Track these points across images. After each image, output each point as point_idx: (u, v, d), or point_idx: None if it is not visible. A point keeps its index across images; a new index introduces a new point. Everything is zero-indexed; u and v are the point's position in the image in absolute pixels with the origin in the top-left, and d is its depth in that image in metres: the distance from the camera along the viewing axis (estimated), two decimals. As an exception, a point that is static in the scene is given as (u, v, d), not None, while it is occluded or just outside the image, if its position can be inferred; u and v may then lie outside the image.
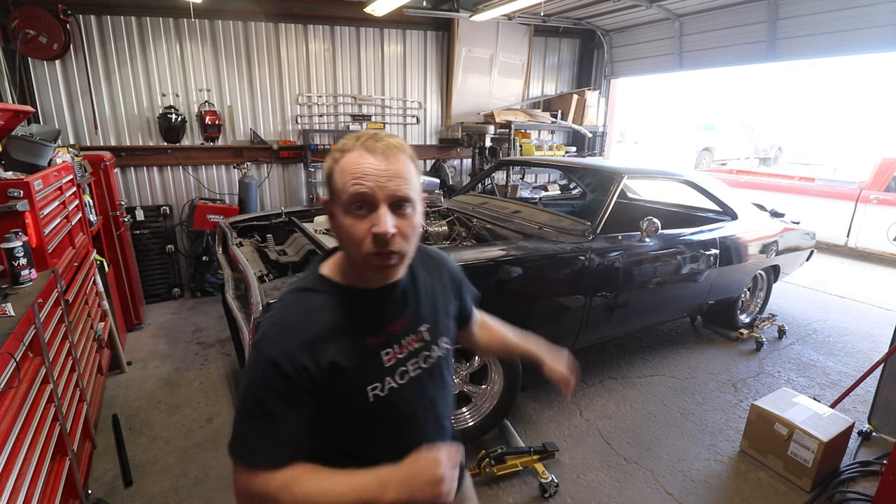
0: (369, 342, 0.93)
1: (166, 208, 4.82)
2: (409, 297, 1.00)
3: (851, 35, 4.32)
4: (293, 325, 0.89)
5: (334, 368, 0.88)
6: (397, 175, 0.83)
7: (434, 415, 1.07)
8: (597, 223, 2.94)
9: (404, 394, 0.98)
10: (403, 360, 0.97)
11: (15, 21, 3.90)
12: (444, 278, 1.12)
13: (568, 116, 6.59)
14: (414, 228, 0.87)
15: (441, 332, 1.06)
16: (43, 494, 1.62)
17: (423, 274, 1.06)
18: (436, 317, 1.05)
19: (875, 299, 5.14)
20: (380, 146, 0.83)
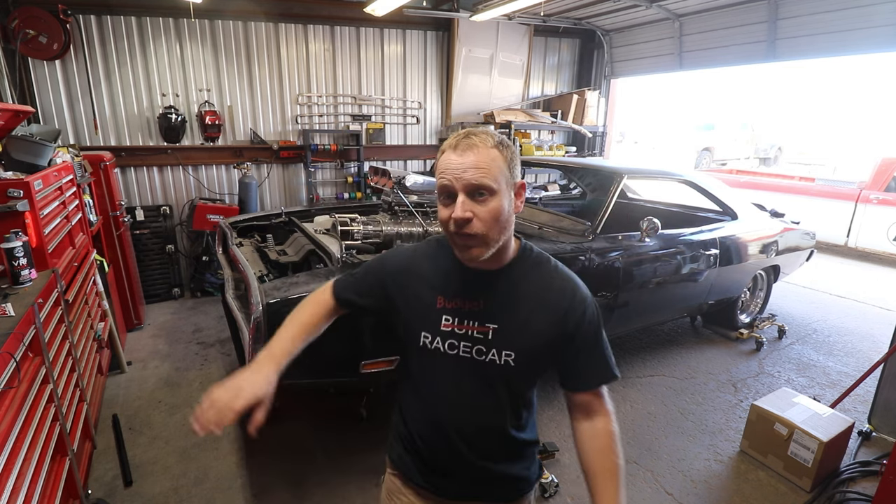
0: (439, 300, 1.09)
1: (166, 208, 4.82)
2: (491, 289, 1.06)
3: (851, 35, 4.32)
4: (404, 252, 1.20)
5: (409, 296, 1.12)
6: (473, 166, 0.94)
7: (467, 412, 1.09)
8: (597, 223, 2.94)
9: (446, 362, 1.08)
10: (458, 336, 1.07)
11: (15, 21, 3.90)
12: (551, 301, 1.04)
13: (568, 116, 6.59)
14: (492, 213, 0.96)
15: (509, 343, 1.04)
16: (43, 494, 1.62)
17: (526, 282, 1.06)
18: (510, 325, 1.04)
19: (875, 299, 5.13)
20: (463, 143, 0.97)
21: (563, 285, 1.06)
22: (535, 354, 1.05)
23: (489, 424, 1.10)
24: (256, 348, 1.95)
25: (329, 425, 2.83)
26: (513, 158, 0.99)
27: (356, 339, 2.18)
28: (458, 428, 1.10)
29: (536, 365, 1.08)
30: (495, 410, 1.09)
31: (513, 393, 1.09)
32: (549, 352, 1.06)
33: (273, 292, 2.02)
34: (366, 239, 2.82)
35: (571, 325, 1.03)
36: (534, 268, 1.08)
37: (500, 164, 0.96)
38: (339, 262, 2.40)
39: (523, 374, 1.07)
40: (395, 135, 5.93)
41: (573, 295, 1.05)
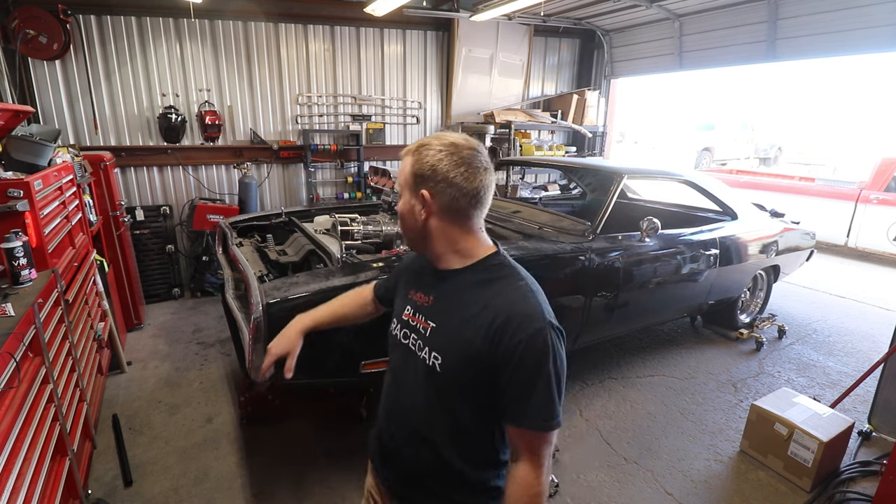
0: (410, 291, 1.17)
1: (166, 208, 4.82)
2: (441, 288, 1.09)
3: (851, 35, 4.32)
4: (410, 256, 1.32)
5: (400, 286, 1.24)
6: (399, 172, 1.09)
7: (404, 405, 1.14)
8: (597, 223, 2.94)
9: (398, 350, 1.15)
10: (410, 327, 1.12)
11: (15, 21, 3.90)
12: (489, 315, 0.98)
13: (568, 116, 6.59)
14: (398, 212, 1.09)
15: (439, 346, 1.03)
16: (43, 494, 1.62)
17: (476, 289, 1.03)
18: (445, 327, 1.04)
19: (875, 299, 5.13)
20: None
21: (507, 303, 0.97)
22: (459, 366, 1.00)
23: (420, 428, 1.09)
24: (256, 348, 1.95)
25: (329, 425, 2.83)
26: (421, 167, 1.01)
27: (356, 339, 2.18)
28: (396, 417, 1.16)
29: (462, 378, 1.00)
30: (426, 415, 1.07)
31: (443, 405, 1.04)
32: (475, 368, 0.98)
33: (273, 292, 2.02)
34: (366, 239, 2.82)
35: (501, 347, 0.95)
36: (492, 278, 1.03)
37: (404, 172, 1.06)
38: (339, 262, 2.40)
39: (449, 384, 1.02)
40: (395, 135, 5.93)
41: (513, 317, 0.95)
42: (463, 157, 0.99)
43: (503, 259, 1.07)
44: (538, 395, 0.95)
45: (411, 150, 1.05)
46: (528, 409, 0.95)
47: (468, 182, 0.99)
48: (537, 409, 0.95)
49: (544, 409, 0.95)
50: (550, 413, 0.95)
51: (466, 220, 1.04)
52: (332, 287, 2.09)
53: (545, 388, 0.95)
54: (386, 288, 1.36)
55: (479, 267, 1.05)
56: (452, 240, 1.05)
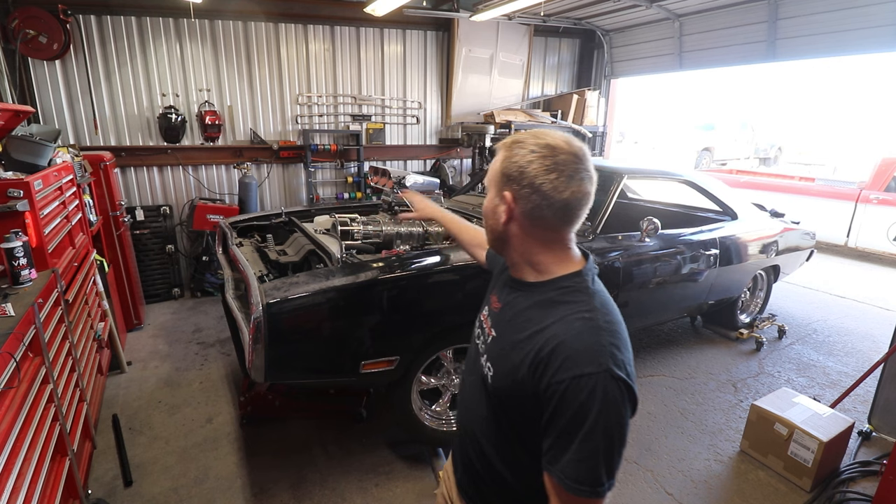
0: (493, 291, 1.12)
1: (166, 208, 4.82)
2: (512, 298, 1.00)
3: (851, 35, 4.32)
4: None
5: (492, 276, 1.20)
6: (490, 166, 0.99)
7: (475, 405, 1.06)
8: (597, 223, 2.94)
9: (472, 350, 1.13)
10: (482, 329, 1.09)
11: (15, 21, 3.90)
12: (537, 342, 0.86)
13: (568, 116, 6.59)
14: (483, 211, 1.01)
15: (494, 357, 0.97)
16: (43, 494, 1.62)
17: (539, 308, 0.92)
18: (503, 340, 0.96)
19: (875, 299, 5.13)
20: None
21: (559, 333, 0.84)
22: (505, 386, 0.92)
23: (478, 433, 1.04)
24: (256, 348, 1.95)
25: (329, 425, 2.83)
26: (510, 166, 0.90)
27: (356, 339, 2.18)
28: (463, 414, 1.16)
29: (508, 400, 0.92)
30: (483, 422, 1.01)
31: (495, 417, 0.97)
32: (519, 394, 0.88)
33: (273, 292, 2.02)
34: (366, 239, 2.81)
35: (543, 383, 0.82)
36: (557, 301, 0.90)
37: (493, 168, 0.95)
38: (339, 262, 2.40)
39: (498, 400, 0.95)
40: (395, 135, 5.93)
41: (560, 352, 0.82)
42: (557, 161, 0.86)
43: (581, 282, 0.92)
44: (576, 451, 0.78)
45: (506, 145, 0.93)
46: (563, 462, 0.79)
47: (557, 191, 0.86)
48: (573, 465, 0.78)
49: (581, 471, 0.78)
50: (586, 476, 0.78)
51: (550, 233, 0.92)
52: (332, 287, 2.09)
53: (586, 446, 0.77)
54: (493, 257, 1.30)
55: (549, 286, 0.93)
56: (529, 251, 0.94)
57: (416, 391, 2.52)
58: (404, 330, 2.28)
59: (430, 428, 2.55)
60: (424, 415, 2.56)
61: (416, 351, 2.37)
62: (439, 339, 2.42)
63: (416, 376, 2.48)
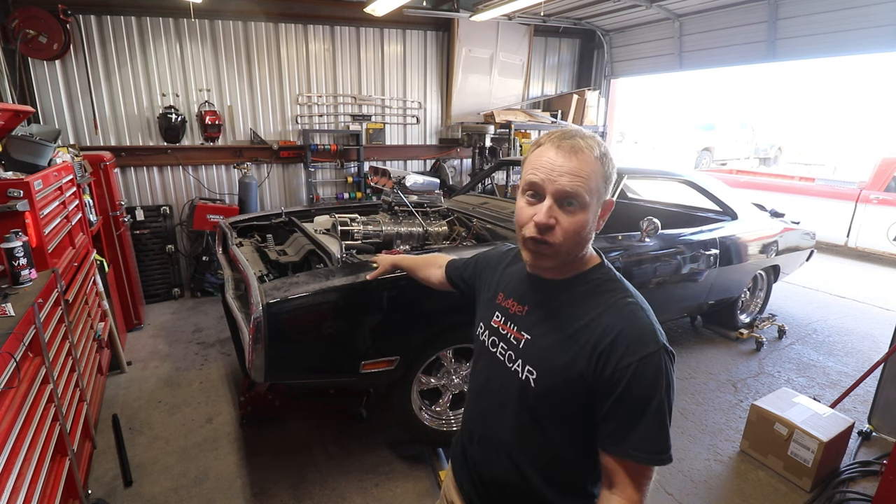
0: (499, 296, 1.10)
1: (166, 208, 4.82)
2: (540, 299, 1.00)
3: (851, 35, 4.32)
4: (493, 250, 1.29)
5: (484, 288, 1.19)
6: (572, 172, 0.87)
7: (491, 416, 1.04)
8: (597, 223, 2.93)
9: (487, 358, 1.08)
10: (500, 336, 1.05)
11: (15, 21, 3.90)
12: (592, 334, 0.89)
13: (568, 116, 6.59)
14: (576, 226, 0.89)
15: (534, 360, 0.95)
16: (43, 494, 1.62)
17: (578, 304, 0.94)
18: (542, 341, 0.95)
19: (875, 299, 5.13)
20: (566, 144, 0.88)
21: (614, 322, 0.88)
22: (555, 385, 0.92)
23: (506, 442, 1.01)
24: (256, 348, 1.95)
25: (329, 425, 2.83)
26: (610, 174, 0.91)
27: (356, 338, 2.18)
28: (480, 427, 1.09)
29: (558, 399, 0.92)
30: (514, 431, 0.99)
31: (535, 423, 0.96)
32: (573, 390, 0.90)
33: (273, 292, 2.02)
34: (366, 239, 2.82)
35: (608, 371, 0.85)
36: (596, 292, 0.94)
37: (598, 178, 0.89)
38: (339, 262, 2.40)
39: (543, 403, 0.94)
40: (395, 135, 5.93)
41: (621, 338, 0.86)
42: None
43: (609, 272, 0.97)
44: (647, 425, 0.84)
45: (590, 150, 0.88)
46: (635, 440, 0.84)
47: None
48: (646, 440, 0.84)
49: (653, 441, 0.84)
50: (660, 445, 0.84)
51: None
52: (333, 287, 2.09)
53: (656, 417, 0.84)
54: (459, 273, 1.37)
55: (583, 279, 0.96)
56: (580, 251, 0.95)
57: (417, 391, 2.52)
58: (404, 330, 2.28)
59: (430, 428, 2.55)
60: (424, 415, 2.56)
61: (416, 351, 2.37)
62: (439, 339, 2.42)
63: (417, 376, 2.48)
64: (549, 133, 0.93)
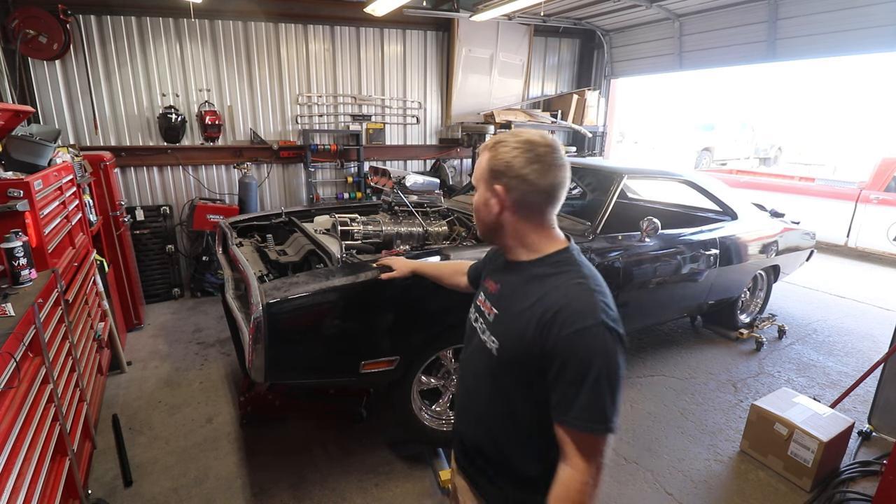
0: (486, 280, 1.24)
1: (166, 208, 4.82)
2: (509, 277, 1.14)
3: (851, 35, 4.32)
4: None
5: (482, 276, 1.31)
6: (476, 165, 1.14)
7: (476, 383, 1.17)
8: (597, 223, 2.94)
9: (470, 332, 1.23)
10: (479, 311, 1.19)
11: (15, 21, 3.90)
12: (542, 308, 0.98)
13: (568, 116, 6.59)
14: (473, 205, 1.15)
15: (498, 331, 1.08)
16: (43, 494, 1.62)
17: (537, 281, 1.04)
18: (505, 314, 1.09)
19: (875, 299, 5.14)
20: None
21: (559, 297, 0.97)
22: (513, 355, 1.03)
23: (480, 409, 1.15)
24: (256, 348, 1.95)
25: (329, 425, 2.83)
26: (497, 163, 1.05)
27: (356, 339, 2.18)
28: (464, 397, 1.23)
29: (517, 367, 1.02)
30: (486, 397, 1.13)
31: (500, 389, 1.08)
32: (527, 360, 0.99)
33: (273, 292, 2.02)
34: (366, 239, 2.82)
35: (550, 342, 0.94)
36: (552, 273, 1.03)
37: (481, 167, 1.09)
38: (339, 262, 2.40)
39: (506, 371, 1.05)
40: (395, 135, 5.93)
41: (560, 312, 0.94)
42: (538, 154, 1.02)
43: (569, 255, 1.07)
44: (587, 396, 0.90)
45: (488, 146, 1.09)
46: (577, 409, 0.91)
47: (541, 179, 1.02)
48: (586, 409, 0.91)
49: (592, 412, 0.90)
50: (597, 416, 0.90)
51: (538, 216, 1.07)
52: (333, 287, 2.09)
53: (594, 388, 0.90)
54: (475, 269, 1.49)
55: (543, 262, 1.07)
56: (522, 234, 1.08)
57: (417, 391, 2.52)
58: (404, 330, 2.28)
59: (430, 428, 2.55)
60: (424, 415, 2.56)
61: (417, 351, 2.37)
62: (439, 339, 2.42)
63: (417, 376, 2.48)
64: None
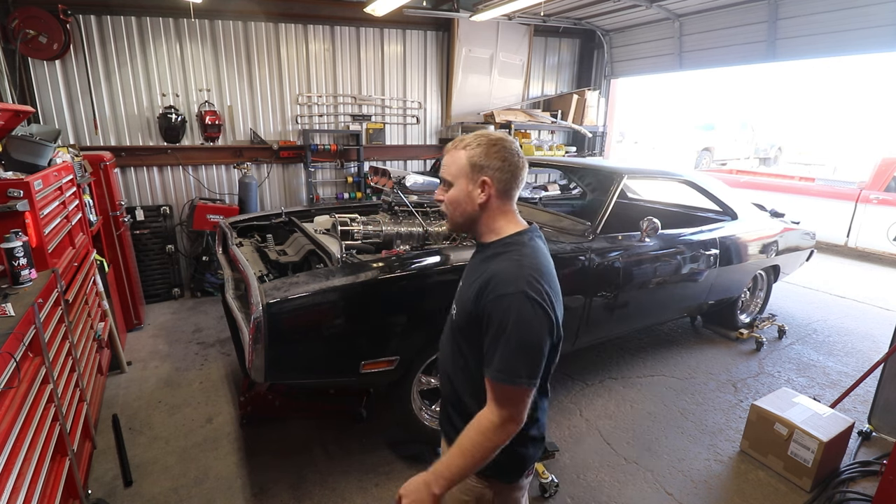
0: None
1: (166, 208, 4.82)
2: (473, 258, 1.31)
3: (851, 35, 4.32)
4: None
5: None
6: (445, 164, 1.24)
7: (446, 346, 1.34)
8: (597, 223, 2.94)
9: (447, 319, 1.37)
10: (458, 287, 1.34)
11: (15, 21, 3.90)
12: (482, 279, 1.15)
13: (568, 116, 6.59)
14: (449, 198, 1.23)
15: (458, 301, 1.28)
16: (43, 494, 1.62)
17: (490, 260, 1.19)
18: (464, 287, 1.27)
19: (875, 299, 5.13)
20: (448, 147, 1.24)
21: (494, 269, 1.14)
22: (464, 317, 1.20)
23: (446, 365, 1.31)
24: (256, 348, 1.95)
25: (329, 425, 2.83)
26: (476, 158, 1.17)
27: (356, 339, 2.18)
28: (440, 360, 1.39)
29: (468, 330, 1.19)
30: (449, 355, 1.29)
31: (457, 347, 1.25)
32: (473, 323, 1.16)
33: (273, 292, 2.02)
34: (366, 239, 2.82)
35: (480, 305, 1.13)
36: (502, 252, 1.18)
37: (461, 163, 1.19)
38: (339, 262, 2.40)
39: (463, 333, 1.22)
40: (395, 135, 5.93)
41: (490, 280, 1.12)
42: (506, 147, 1.18)
43: (520, 238, 1.20)
44: (500, 351, 1.07)
45: (462, 145, 1.20)
46: (496, 363, 1.07)
47: (514, 168, 1.18)
48: (499, 362, 1.07)
49: (504, 364, 1.06)
50: (509, 369, 1.06)
51: (507, 202, 1.21)
52: (332, 287, 2.09)
53: (506, 345, 1.06)
54: None
55: (498, 243, 1.21)
56: (493, 220, 1.22)
57: (416, 391, 2.52)
58: (404, 330, 2.28)
59: (430, 428, 2.55)
60: (424, 415, 2.56)
61: (417, 351, 2.37)
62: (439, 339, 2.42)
63: (416, 376, 2.48)
64: None
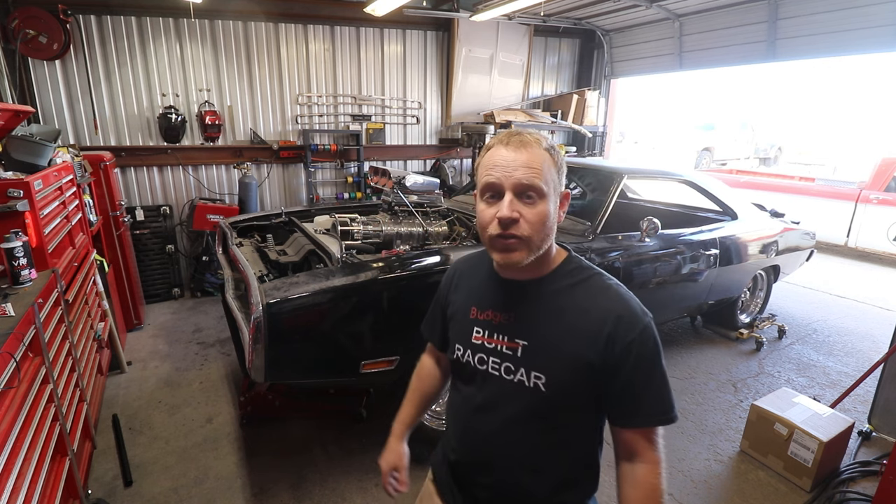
0: (472, 310, 1.06)
1: (166, 208, 4.82)
2: (525, 301, 0.99)
3: (851, 35, 4.32)
4: (454, 265, 1.21)
5: (453, 307, 1.12)
6: (525, 165, 0.89)
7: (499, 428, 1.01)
8: (597, 223, 2.94)
9: (476, 378, 1.04)
10: (487, 351, 1.01)
11: (15, 21, 3.90)
12: (592, 321, 0.92)
13: (568, 116, 6.59)
14: (539, 216, 0.90)
15: (540, 364, 0.94)
16: (43, 494, 1.62)
17: (566, 296, 0.97)
18: (542, 343, 0.95)
19: (875, 299, 5.13)
20: (514, 139, 0.91)
21: (609, 305, 0.93)
22: (568, 381, 0.93)
23: (520, 452, 1.00)
24: (256, 348, 1.95)
25: (329, 425, 2.83)
26: (561, 165, 0.95)
27: (356, 339, 2.18)
28: (475, 445, 1.05)
29: (572, 395, 0.94)
30: (522, 442, 0.99)
31: (547, 424, 0.97)
32: (586, 381, 0.93)
33: (273, 292, 2.02)
34: (366, 239, 2.82)
35: (616, 352, 0.90)
36: (577, 281, 0.97)
37: (550, 167, 0.91)
38: (339, 262, 2.40)
39: (555, 404, 0.95)
40: (395, 135, 5.93)
41: (620, 318, 0.91)
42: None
43: (580, 261, 1.02)
44: (657, 390, 0.92)
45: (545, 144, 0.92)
46: (647, 407, 0.93)
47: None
48: (657, 403, 0.93)
49: (662, 403, 0.93)
50: (666, 406, 0.93)
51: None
52: (333, 287, 2.09)
53: (661, 381, 0.93)
54: (436, 332, 1.23)
55: (559, 273, 0.99)
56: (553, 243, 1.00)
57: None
58: (404, 330, 2.28)
59: (429, 427, 2.55)
60: (425, 415, 2.56)
61: (417, 351, 2.37)
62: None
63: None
64: (496, 136, 0.95)
